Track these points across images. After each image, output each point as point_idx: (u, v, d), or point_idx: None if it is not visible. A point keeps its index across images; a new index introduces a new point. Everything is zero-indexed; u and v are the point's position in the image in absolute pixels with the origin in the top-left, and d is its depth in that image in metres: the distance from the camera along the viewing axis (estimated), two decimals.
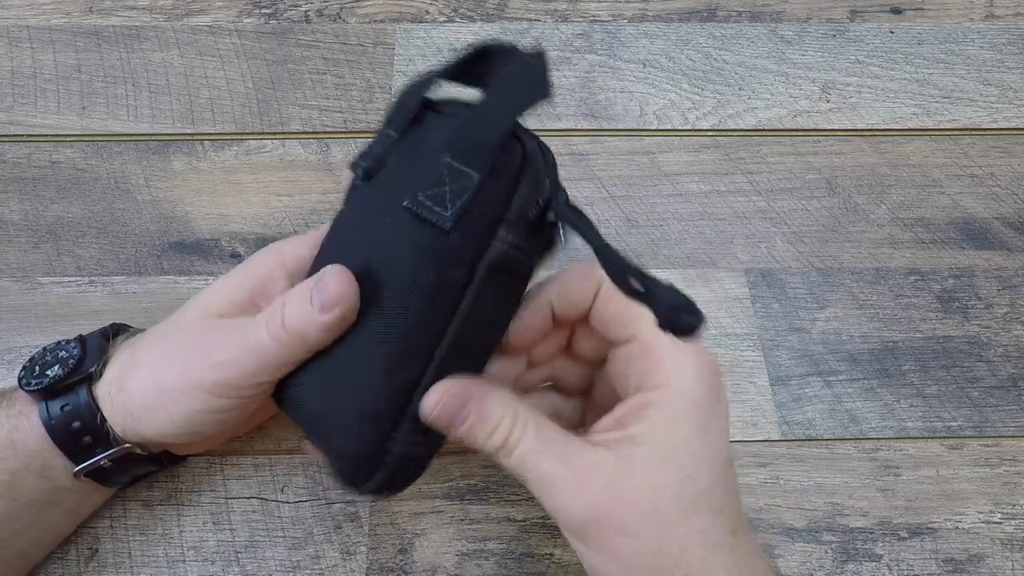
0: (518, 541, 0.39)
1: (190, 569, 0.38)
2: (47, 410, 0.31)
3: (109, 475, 0.33)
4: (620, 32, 0.46)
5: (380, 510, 0.39)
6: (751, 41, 0.46)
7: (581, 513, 0.27)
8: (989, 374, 0.41)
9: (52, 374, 0.31)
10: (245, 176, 0.43)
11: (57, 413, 0.31)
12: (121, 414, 0.31)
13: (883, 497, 0.39)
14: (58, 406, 0.31)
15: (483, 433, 0.28)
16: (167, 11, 0.45)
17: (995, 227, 0.44)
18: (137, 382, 0.31)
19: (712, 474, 0.27)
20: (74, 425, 0.31)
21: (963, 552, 0.39)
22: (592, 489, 0.27)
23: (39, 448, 0.31)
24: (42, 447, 0.31)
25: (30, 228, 0.42)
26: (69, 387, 0.32)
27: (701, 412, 0.28)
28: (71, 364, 0.32)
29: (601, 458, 0.27)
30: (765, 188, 0.44)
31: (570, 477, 0.27)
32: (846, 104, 0.45)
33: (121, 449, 0.32)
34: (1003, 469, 0.40)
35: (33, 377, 0.32)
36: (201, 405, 0.30)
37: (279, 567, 0.38)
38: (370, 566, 0.38)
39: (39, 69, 0.44)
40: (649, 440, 0.27)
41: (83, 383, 0.32)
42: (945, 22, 0.46)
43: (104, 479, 0.34)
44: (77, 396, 0.31)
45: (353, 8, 0.46)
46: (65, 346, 0.33)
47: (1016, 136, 0.45)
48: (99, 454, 0.32)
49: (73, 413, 0.31)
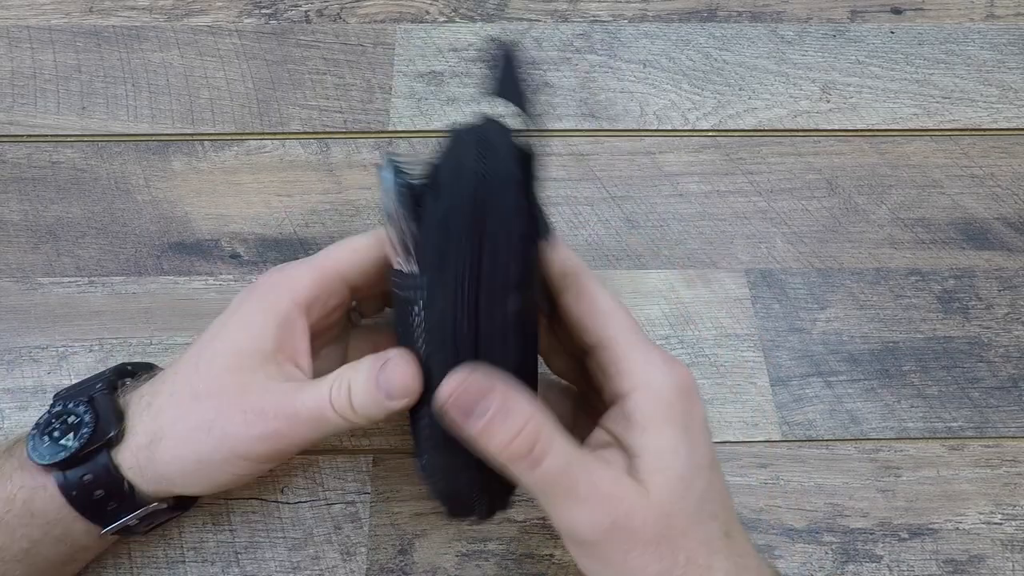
0: (518, 542, 0.39)
1: (190, 570, 0.38)
2: (65, 479, 0.29)
3: (134, 530, 0.33)
4: (620, 32, 0.46)
5: (380, 511, 0.39)
6: (751, 41, 0.46)
7: (599, 533, 0.26)
8: (990, 375, 0.41)
9: (69, 445, 0.29)
10: (245, 176, 0.43)
11: (76, 482, 0.29)
12: (153, 481, 0.30)
13: (883, 498, 0.39)
14: (78, 475, 0.29)
15: (505, 434, 0.25)
16: (167, 11, 0.45)
17: (996, 227, 0.43)
18: (172, 454, 0.29)
19: (703, 478, 0.27)
20: (96, 494, 0.29)
21: (963, 553, 0.39)
22: (615, 509, 0.26)
23: (59, 516, 0.30)
24: (61, 515, 0.30)
25: (30, 228, 0.42)
26: (87, 456, 0.29)
27: (676, 411, 0.27)
28: (86, 435, 0.29)
29: (616, 476, 0.27)
30: (765, 188, 0.44)
31: (593, 496, 0.26)
32: (846, 104, 0.45)
33: (150, 508, 0.31)
34: (1004, 470, 0.40)
35: (46, 450, 0.29)
36: (246, 471, 0.30)
37: (279, 568, 0.38)
38: (370, 567, 0.38)
39: (39, 69, 0.44)
40: (643, 450, 0.27)
41: (102, 450, 0.30)
42: (945, 22, 0.46)
43: (128, 533, 0.33)
44: (97, 464, 0.29)
45: (353, 8, 0.46)
46: (74, 410, 0.30)
47: (1017, 136, 0.45)
48: (124, 515, 0.30)
49: (95, 483, 0.29)
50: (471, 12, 0.46)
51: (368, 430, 0.40)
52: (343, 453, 0.39)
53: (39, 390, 0.40)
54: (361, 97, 0.45)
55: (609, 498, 0.26)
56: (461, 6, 0.46)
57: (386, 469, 0.39)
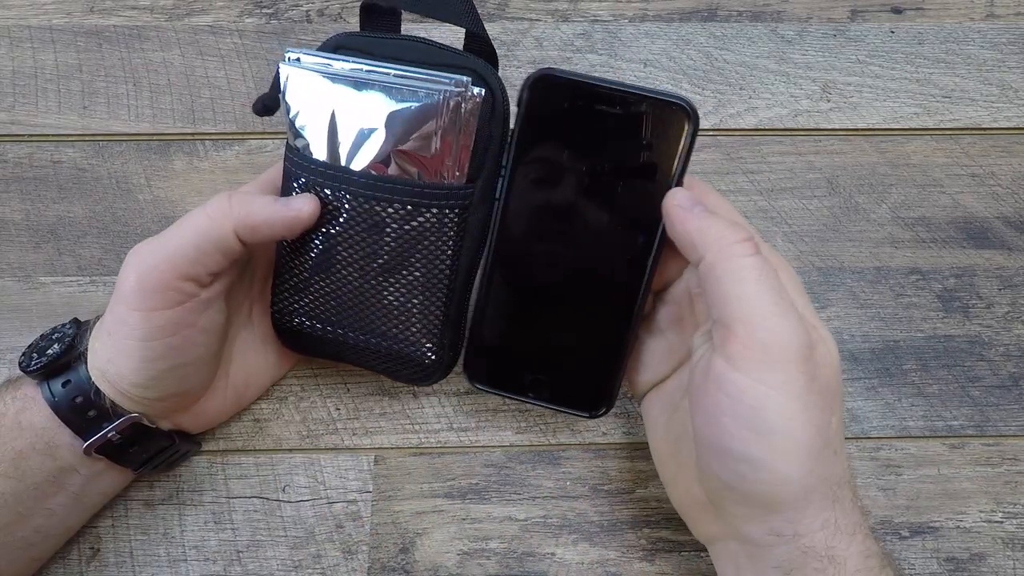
0: (519, 540, 0.39)
1: (192, 568, 0.38)
2: (49, 388, 0.32)
3: (121, 452, 0.34)
4: (621, 32, 0.46)
5: (381, 510, 0.39)
6: (752, 41, 0.46)
7: (799, 346, 0.28)
8: (990, 373, 0.41)
9: (52, 352, 0.33)
10: (246, 176, 0.43)
11: (59, 390, 0.32)
12: (107, 383, 0.32)
13: (884, 496, 0.39)
14: (59, 383, 0.32)
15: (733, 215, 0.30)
16: (168, 11, 0.45)
17: (996, 226, 0.44)
18: (101, 344, 0.32)
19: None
20: (77, 400, 0.32)
21: (964, 551, 0.39)
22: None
23: (45, 426, 0.32)
24: (47, 425, 0.32)
25: (31, 228, 0.43)
26: (67, 364, 0.33)
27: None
28: (67, 342, 0.33)
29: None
30: (766, 187, 0.44)
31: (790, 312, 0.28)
32: (847, 103, 0.45)
33: (128, 419, 0.33)
34: (1004, 468, 0.40)
35: (32, 359, 0.33)
36: (138, 334, 0.31)
37: (281, 566, 0.38)
38: (371, 565, 0.38)
39: (40, 69, 0.44)
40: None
41: (80, 359, 0.33)
42: (946, 22, 0.46)
43: (118, 457, 0.34)
44: (77, 372, 0.32)
45: (354, 8, 0.46)
46: (61, 328, 0.34)
47: (1017, 135, 0.45)
48: (105, 427, 0.32)
49: (75, 388, 0.32)
50: None
51: (369, 429, 0.40)
52: (344, 452, 0.40)
53: None
54: None
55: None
56: None
57: (387, 468, 0.39)
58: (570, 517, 0.39)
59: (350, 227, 0.32)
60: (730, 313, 0.28)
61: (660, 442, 0.34)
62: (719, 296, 0.28)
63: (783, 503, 0.28)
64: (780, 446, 0.27)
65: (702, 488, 0.31)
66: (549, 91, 0.31)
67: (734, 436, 0.28)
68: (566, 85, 0.30)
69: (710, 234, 0.29)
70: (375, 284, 0.33)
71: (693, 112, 0.30)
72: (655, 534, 0.39)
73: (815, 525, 0.28)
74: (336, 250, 0.33)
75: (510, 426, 0.40)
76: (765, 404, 0.27)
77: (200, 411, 0.36)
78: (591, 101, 0.30)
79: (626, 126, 0.31)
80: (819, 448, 0.28)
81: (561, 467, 0.40)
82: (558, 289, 0.34)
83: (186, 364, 0.33)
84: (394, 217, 0.32)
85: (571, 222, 0.32)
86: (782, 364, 0.28)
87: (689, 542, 0.38)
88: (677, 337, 0.34)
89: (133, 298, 0.31)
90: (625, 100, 0.30)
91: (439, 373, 0.37)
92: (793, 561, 0.28)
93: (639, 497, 0.39)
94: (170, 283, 0.31)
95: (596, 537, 0.39)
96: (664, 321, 0.35)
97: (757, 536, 0.29)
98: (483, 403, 0.40)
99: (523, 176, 0.32)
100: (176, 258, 0.31)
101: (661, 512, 0.39)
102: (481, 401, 0.40)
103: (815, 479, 0.28)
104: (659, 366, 0.35)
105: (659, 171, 0.31)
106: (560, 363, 0.35)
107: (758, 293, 0.28)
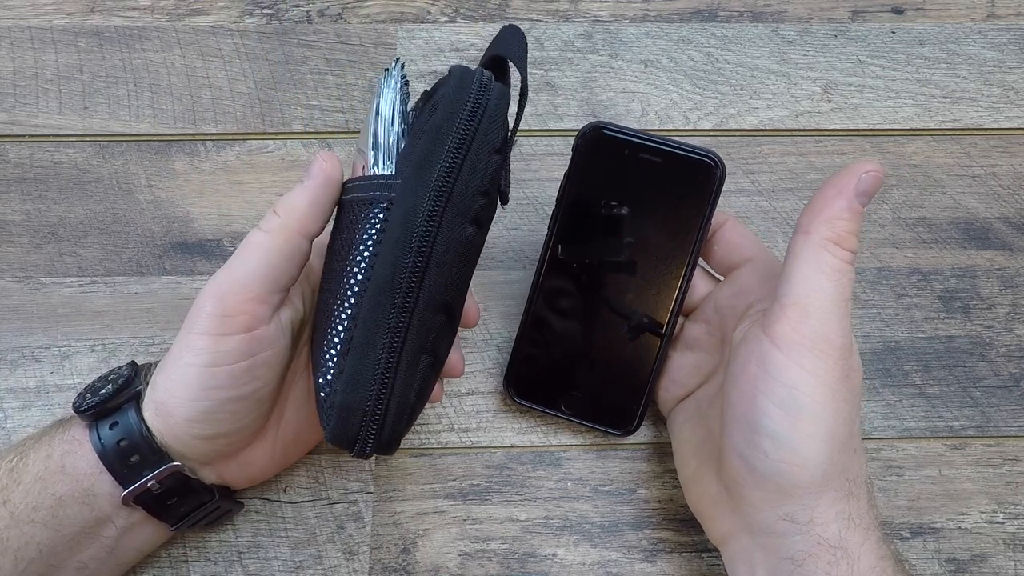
0: (521, 541, 0.39)
1: (193, 569, 0.38)
2: (97, 432, 0.32)
3: (159, 504, 0.33)
4: (622, 32, 0.46)
5: (382, 510, 0.39)
6: (752, 41, 0.46)
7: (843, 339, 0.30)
8: (991, 374, 0.41)
9: (104, 392, 0.32)
10: (247, 176, 0.43)
11: (107, 434, 0.31)
12: (161, 418, 0.32)
13: (885, 497, 0.39)
14: (107, 426, 0.32)
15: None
16: (169, 11, 0.45)
17: (997, 227, 0.44)
18: (162, 376, 0.32)
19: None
20: (121, 443, 0.31)
21: (966, 552, 0.39)
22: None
23: (87, 471, 0.31)
24: (89, 470, 0.31)
25: (32, 228, 0.42)
26: (118, 407, 0.32)
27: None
28: (120, 383, 0.33)
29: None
30: (767, 188, 0.44)
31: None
32: (848, 104, 0.45)
33: (169, 467, 0.32)
34: (1006, 469, 0.40)
35: (85, 399, 0.32)
36: (203, 360, 0.31)
37: (282, 567, 0.38)
38: (373, 566, 0.38)
39: (41, 69, 0.44)
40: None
41: (131, 401, 0.32)
42: (946, 22, 0.46)
43: (156, 509, 0.33)
44: (126, 414, 0.32)
45: (355, 8, 0.46)
46: (117, 370, 0.34)
47: (1018, 136, 0.45)
48: (146, 475, 0.32)
49: (121, 429, 0.31)
50: (472, 12, 0.46)
51: None
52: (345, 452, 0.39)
53: (42, 390, 0.40)
54: (363, 97, 0.45)
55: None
56: (462, 6, 0.46)
57: (388, 468, 0.39)
58: (571, 518, 0.39)
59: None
60: (794, 293, 0.30)
61: (683, 444, 0.36)
62: (791, 274, 0.30)
63: (799, 487, 0.29)
64: (806, 428, 0.29)
65: (720, 481, 0.32)
66: (598, 143, 0.35)
67: (765, 412, 0.29)
68: (614, 140, 0.35)
69: (823, 218, 0.30)
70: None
71: (721, 165, 0.35)
72: (656, 535, 0.39)
73: (829, 515, 0.29)
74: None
75: (511, 427, 0.40)
76: (799, 386, 0.29)
77: (246, 461, 0.35)
78: (636, 152, 0.35)
79: (665, 175, 0.35)
80: (843, 438, 0.29)
81: (562, 468, 0.40)
82: (596, 315, 0.37)
83: (243, 398, 0.32)
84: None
85: (613, 254, 0.37)
86: (824, 354, 0.29)
87: (691, 543, 0.39)
88: (705, 353, 0.37)
89: (207, 323, 0.30)
90: (664, 153, 0.35)
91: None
92: (806, 552, 0.29)
93: (640, 498, 0.39)
94: (243, 306, 0.31)
95: (597, 538, 0.39)
96: (692, 339, 0.37)
97: (771, 523, 0.30)
98: (484, 404, 0.40)
99: (569, 215, 0.36)
100: (246, 280, 0.31)
101: (663, 513, 0.39)
102: (482, 402, 0.41)
103: (834, 467, 0.29)
104: (688, 379, 0.37)
105: (693, 212, 0.36)
106: (596, 383, 0.38)
107: (827, 289, 0.29)
